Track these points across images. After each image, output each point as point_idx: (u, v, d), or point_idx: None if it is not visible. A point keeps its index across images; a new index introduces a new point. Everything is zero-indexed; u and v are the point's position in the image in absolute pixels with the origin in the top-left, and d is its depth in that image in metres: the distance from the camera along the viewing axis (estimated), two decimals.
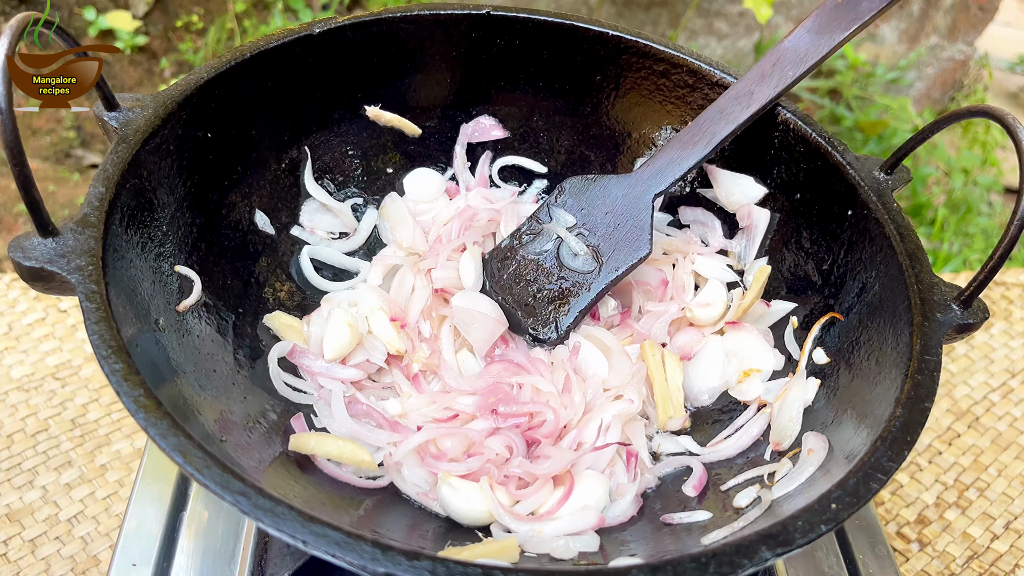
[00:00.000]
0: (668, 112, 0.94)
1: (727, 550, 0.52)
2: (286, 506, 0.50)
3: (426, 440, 0.76)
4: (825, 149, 0.82)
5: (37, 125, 2.27)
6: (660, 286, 0.92)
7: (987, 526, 1.08)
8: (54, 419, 1.07)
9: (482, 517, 0.72)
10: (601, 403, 0.82)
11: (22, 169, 0.56)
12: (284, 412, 0.79)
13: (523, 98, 0.99)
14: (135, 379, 0.54)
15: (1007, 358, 1.30)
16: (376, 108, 0.95)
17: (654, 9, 2.64)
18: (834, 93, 2.78)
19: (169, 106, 0.74)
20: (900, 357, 0.67)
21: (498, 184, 1.03)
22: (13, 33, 0.58)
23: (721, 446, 0.80)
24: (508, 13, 0.92)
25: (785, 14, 2.68)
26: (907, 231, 0.74)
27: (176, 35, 2.50)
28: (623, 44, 0.92)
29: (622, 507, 0.75)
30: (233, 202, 0.86)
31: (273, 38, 0.84)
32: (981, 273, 0.68)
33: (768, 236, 0.90)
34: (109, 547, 0.96)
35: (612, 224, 0.88)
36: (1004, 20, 3.37)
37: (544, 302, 0.88)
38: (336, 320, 0.82)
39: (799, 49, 0.83)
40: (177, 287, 0.75)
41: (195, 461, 0.51)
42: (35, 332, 1.17)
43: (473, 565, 0.49)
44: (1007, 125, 0.69)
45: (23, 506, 0.98)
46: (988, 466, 1.15)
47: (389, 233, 0.98)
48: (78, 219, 0.62)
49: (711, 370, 0.86)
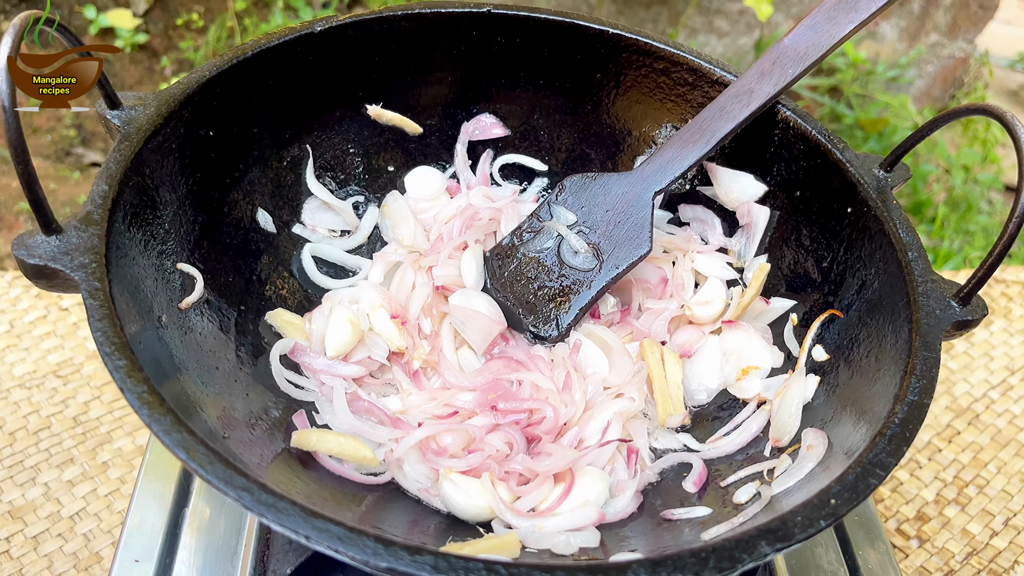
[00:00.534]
0: (668, 110, 0.95)
1: (727, 545, 0.52)
2: (289, 501, 0.50)
3: (427, 436, 0.77)
4: (825, 147, 0.83)
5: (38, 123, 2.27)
6: (660, 284, 0.92)
7: (986, 523, 1.08)
8: (56, 417, 1.07)
9: (483, 513, 0.72)
10: (602, 401, 0.82)
11: (26, 167, 0.57)
12: (286, 409, 0.79)
13: (524, 96, 0.99)
14: (138, 376, 0.55)
15: (1007, 355, 1.30)
16: (377, 107, 0.96)
17: (654, 7, 2.64)
18: (834, 91, 2.78)
19: (171, 104, 0.75)
20: (899, 354, 0.67)
21: (499, 182, 1.03)
22: (16, 33, 0.58)
23: (721, 442, 0.81)
24: (509, 11, 0.92)
25: (785, 12, 2.68)
26: (907, 228, 0.75)
27: (176, 33, 2.50)
28: (623, 42, 0.92)
29: (622, 503, 0.75)
30: (235, 200, 0.86)
31: (274, 36, 0.84)
32: (980, 270, 0.68)
33: (768, 233, 0.91)
34: (111, 544, 0.96)
35: (612, 222, 0.88)
36: (1004, 18, 3.37)
37: (545, 300, 0.89)
38: (337, 317, 0.82)
39: (799, 47, 0.83)
40: (179, 284, 0.75)
41: (198, 457, 0.52)
42: (37, 330, 1.17)
43: (475, 560, 0.49)
44: (1006, 123, 0.69)
45: (25, 503, 0.98)
46: (987, 463, 1.15)
47: (390, 231, 0.98)
48: (81, 217, 0.62)
49: (710, 368, 0.87)
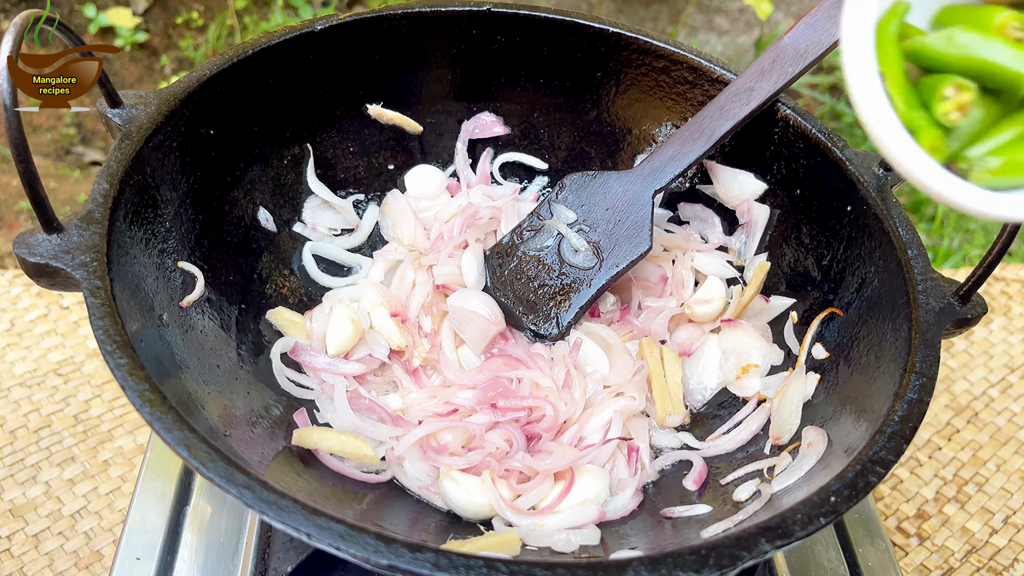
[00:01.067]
0: (668, 108, 0.95)
1: (727, 543, 0.52)
2: (290, 499, 0.50)
3: (427, 434, 0.77)
4: (825, 145, 0.83)
5: (38, 122, 2.27)
6: (659, 282, 0.92)
7: (986, 521, 1.08)
8: (56, 415, 1.08)
9: (484, 511, 0.72)
10: (602, 399, 0.82)
11: (27, 166, 0.57)
12: (287, 407, 0.79)
13: (524, 95, 0.99)
14: (140, 374, 0.55)
15: (1006, 354, 1.30)
16: (378, 106, 0.96)
17: (654, 5, 2.64)
18: (835, 89, 2.79)
19: (172, 103, 0.75)
20: (899, 352, 0.68)
21: (499, 181, 1.03)
22: (16, 32, 0.58)
23: (721, 441, 0.81)
24: (509, 10, 0.92)
25: (785, 10, 2.68)
26: (906, 227, 0.75)
27: (176, 32, 2.50)
28: (623, 41, 0.92)
29: (622, 501, 0.76)
30: (235, 198, 0.86)
31: (275, 35, 0.84)
32: (980, 268, 0.68)
33: (768, 232, 0.91)
34: (112, 542, 0.96)
35: (612, 220, 0.88)
36: None
37: (545, 298, 0.89)
38: (338, 315, 0.83)
39: (799, 45, 0.83)
40: (180, 283, 0.75)
41: (200, 455, 0.52)
42: (37, 328, 1.17)
43: (475, 558, 0.49)
44: None
45: (26, 501, 0.98)
46: (987, 461, 1.15)
47: (391, 230, 0.98)
48: (82, 215, 0.62)
49: (710, 366, 0.87)
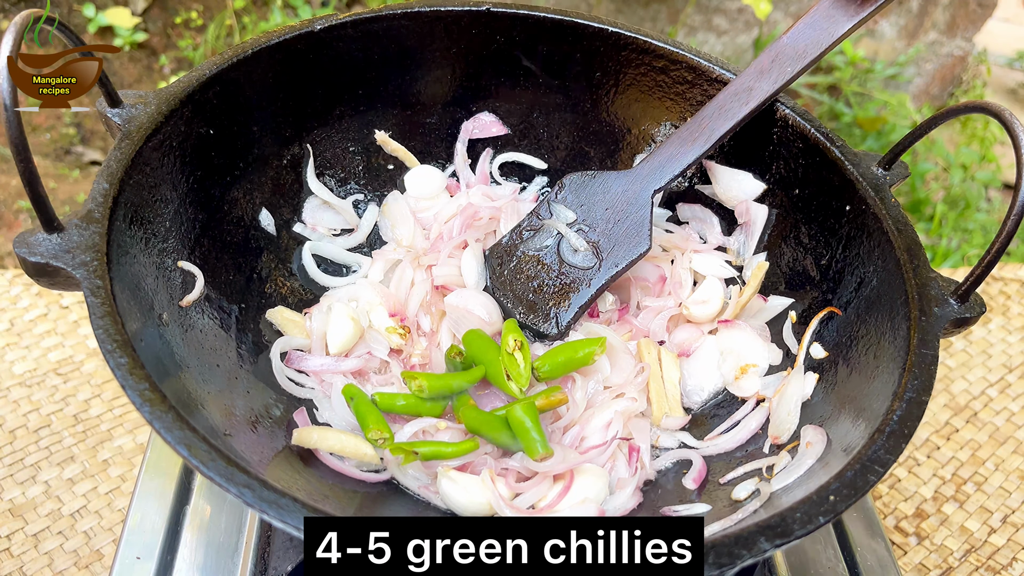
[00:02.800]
0: (667, 108, 0.95)
1: (726, 541, 0.52)
2: (290, 498, 0.51)
3: None
4: (824, 145, 0.83)
5: (37, 122, 2.27)
6: (658, 282, 0.92)
7: (984, 520, 1.09)
8: (56, 415, 1.08)
9: (482, 510, 0.72)
10: (603, 400, 0.82)
11: (28, 165, 0.57)
12: (287, 406, 0.79)
13: (523, 94, 0.99)
14: (140, 373, 0.55)
15: (1005, 353, 1.31)
16: (384, 134, 0.97)
17: (653, 5, 2.64)
18: (833, 89, 2.79)
19: (172, 103, 0.75)
20: (898, 351, 0.68)
21: (498, 181, 1.03)
22: (16, 32, 0.58)
23: (720, 440, 0.81)
24: (508, 10, 0.92)
25: (784, 10, 2.69)
26: (905, 226, 0.75)
27: (175, 32, 2.50)
28: (622, 40, 0.92)
29: (622, 500, 0.76)
30: (235, 198, 0.87)
31: (275, 35, 0.84)
32: (978, 267, 0.68)
33: (766, 231, 0.91)
34: (112, 541, 0.96)
35: (612, 220, 0.88)
36: (1003, 16, 3.37)
37: (545, 298, 0.89)
38: (338, 314, 0.83)
39: (798, 45, 0.83)
40: (180, 282, 0.75)
41: (200, 454, 0.52)
42: (37, 328, 1.17)
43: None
44: (1004, 121, 0.69)
45: (26, 501, 0.98)
46: (985, 460, 1.16)
47: (390, 231, 0.98)
48: (82, 215, 0.62)
49: (708, 366, 0.87)
